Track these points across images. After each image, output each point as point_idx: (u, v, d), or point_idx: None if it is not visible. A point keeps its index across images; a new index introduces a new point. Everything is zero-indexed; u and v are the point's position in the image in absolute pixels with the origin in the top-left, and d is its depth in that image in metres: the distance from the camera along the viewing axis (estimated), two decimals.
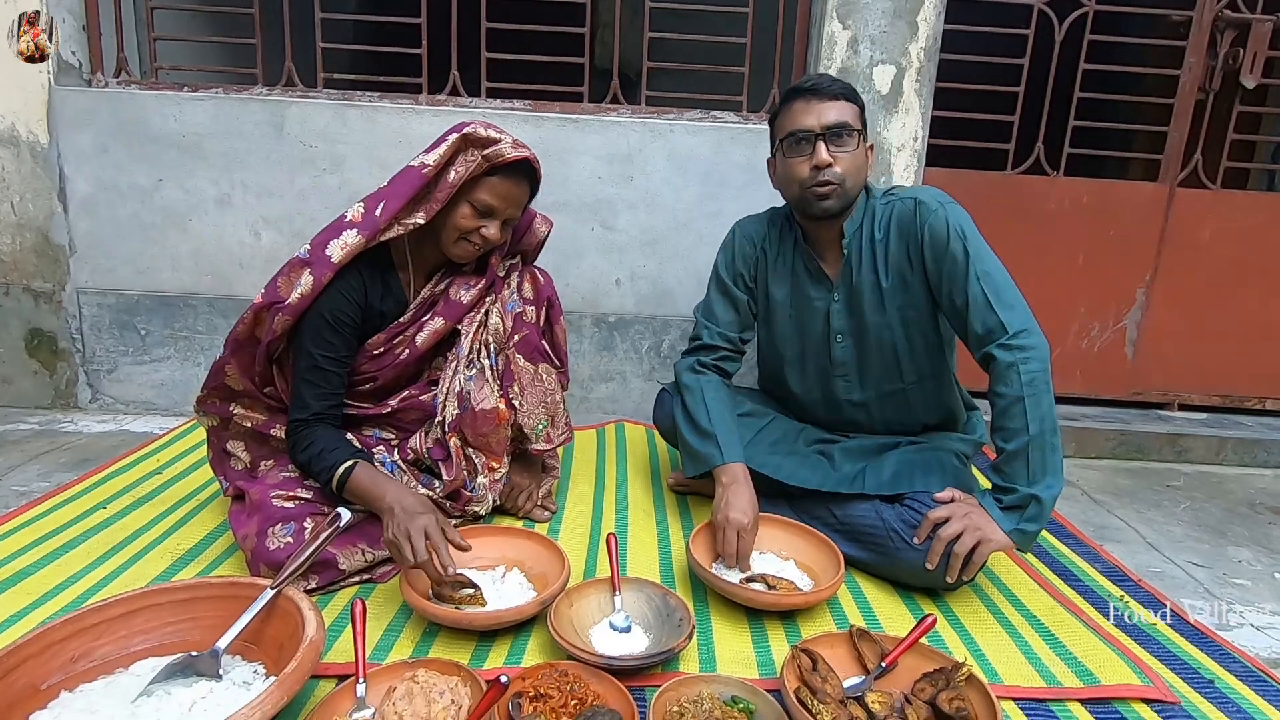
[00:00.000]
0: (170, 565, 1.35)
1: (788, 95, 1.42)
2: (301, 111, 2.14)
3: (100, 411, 2.26)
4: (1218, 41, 2.26)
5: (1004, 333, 1.28)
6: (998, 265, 1.34)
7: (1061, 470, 1.27)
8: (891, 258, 1.43)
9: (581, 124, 2.18)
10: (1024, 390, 1.25)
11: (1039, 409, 1.25)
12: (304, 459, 1.32)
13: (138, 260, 2.20)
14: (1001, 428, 1.29)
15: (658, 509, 1.69)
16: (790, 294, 1.55)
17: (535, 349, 1.51)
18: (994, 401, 1.30)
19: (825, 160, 1.35)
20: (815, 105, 1.36)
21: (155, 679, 0.95)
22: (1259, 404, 2.52)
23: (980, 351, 1.33)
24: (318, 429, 1.33)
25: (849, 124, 1.36)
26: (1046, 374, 1.27)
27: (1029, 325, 1.29)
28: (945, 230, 1.35)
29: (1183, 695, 1.11)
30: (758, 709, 0.97)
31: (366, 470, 1.28)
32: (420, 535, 1.15)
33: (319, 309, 1.31)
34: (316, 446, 1.30)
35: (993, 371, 1.30)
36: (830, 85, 1.37)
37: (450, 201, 1.32)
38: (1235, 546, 1.75)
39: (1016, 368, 1.26)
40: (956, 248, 1.34)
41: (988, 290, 1.31)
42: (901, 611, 1.31)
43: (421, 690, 0.94)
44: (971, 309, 1.32)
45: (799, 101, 1.38)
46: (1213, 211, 2.38)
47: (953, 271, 1.34)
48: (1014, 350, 1.27)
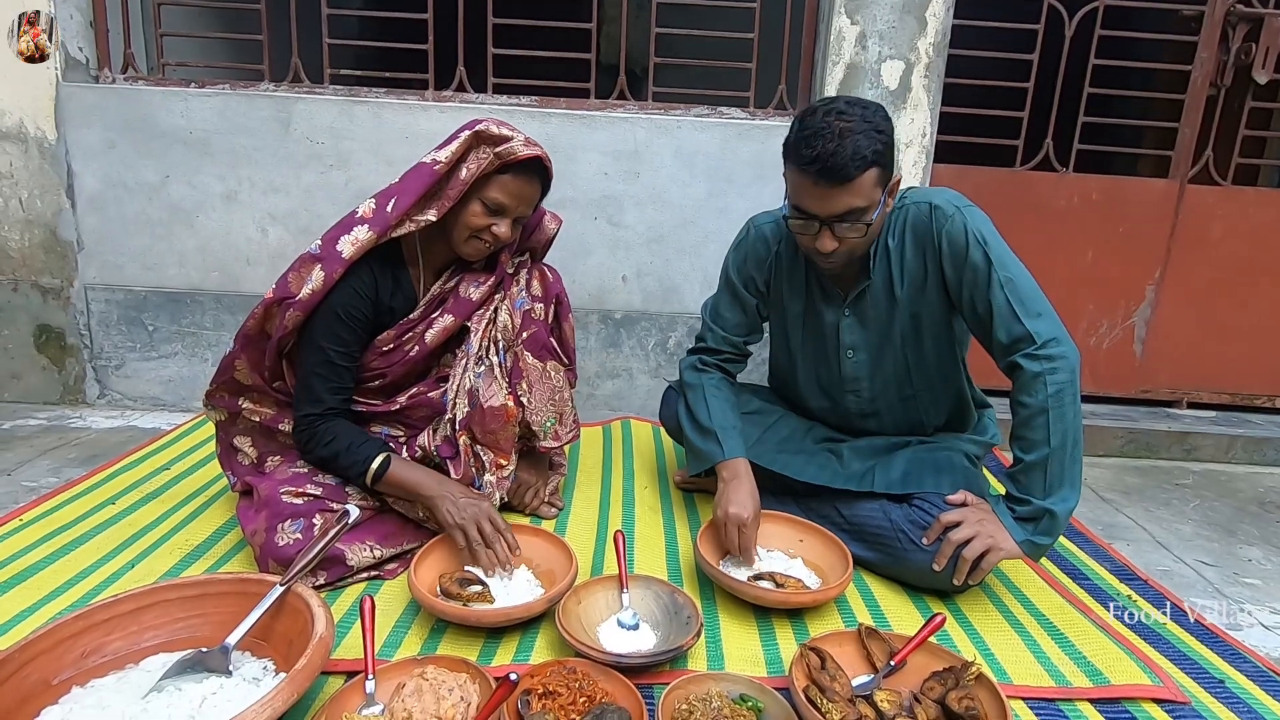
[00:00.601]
0: (179, 561, 1.36)
1: (796, 158, 1.20)
2: (308, 108, 2.14)
3: (108, 407, 2.27)
4: (1230, 36, 2.24)
5: (1031, 342, 1.23)
6: (1022, 270, 1.28)
7: (1079, 483, 1.24)
8: (907, 267, 1.36)
9: (588, 120, 2.17)
10: (1049, 402, 1.21)
11: (1063, 422, 1.21)
12: (327, 453, 1.33)
13: (145, 256, 2.21)
14: (1022, 437, 1.25)
15: (665, 506, 1.69)
16: (804, 305, 1.50)
17: (543, 346, 1.51)
18: (1016, 410, 1.26)
19: (829, 248, 1.26)
20: (823, 191, 1.20)
21: (166, 674, 0.95)
22: (1268, 402, 2.51)
23: (1005, 360, 1.28)
24: (337, 423, 1.34)
25: (861, 208, 1.21)
26: (1075, 385, 1.22)
27: (1058, 334, 1.24)
28: (964, 237, 1.28)
29: (1193, 695, 1.11)
30: (766, 707, 0.97)
31: (401, 463, 1.33)
32: (486, 521, 1.26)
33: (331, 304, 1.31)
34: (343, 440, 1.32)
35: (1018, 380, 1.26)
36: (844, 166, 1.15)
37: (461, 199, 1.32)
38: (1245, 545, 1.74)
39: (1043, 378, 1.21)
40: (977, 255, 1.27)
41: (1012, 298, 1.25)
42: (910, 610, 1.30)
43: (431, 687, 0.95)
44: (996, 318, 1.26)
45: (807, 180, 1.20)
46: (1223, 208, 2.36)
47: (974, 280, 1.28)
48: (1042, 360, 1.22)
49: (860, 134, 1.16)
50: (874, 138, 1.17)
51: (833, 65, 2.15)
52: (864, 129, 1.17)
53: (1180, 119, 2.31)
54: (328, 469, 1.36)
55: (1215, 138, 2.31)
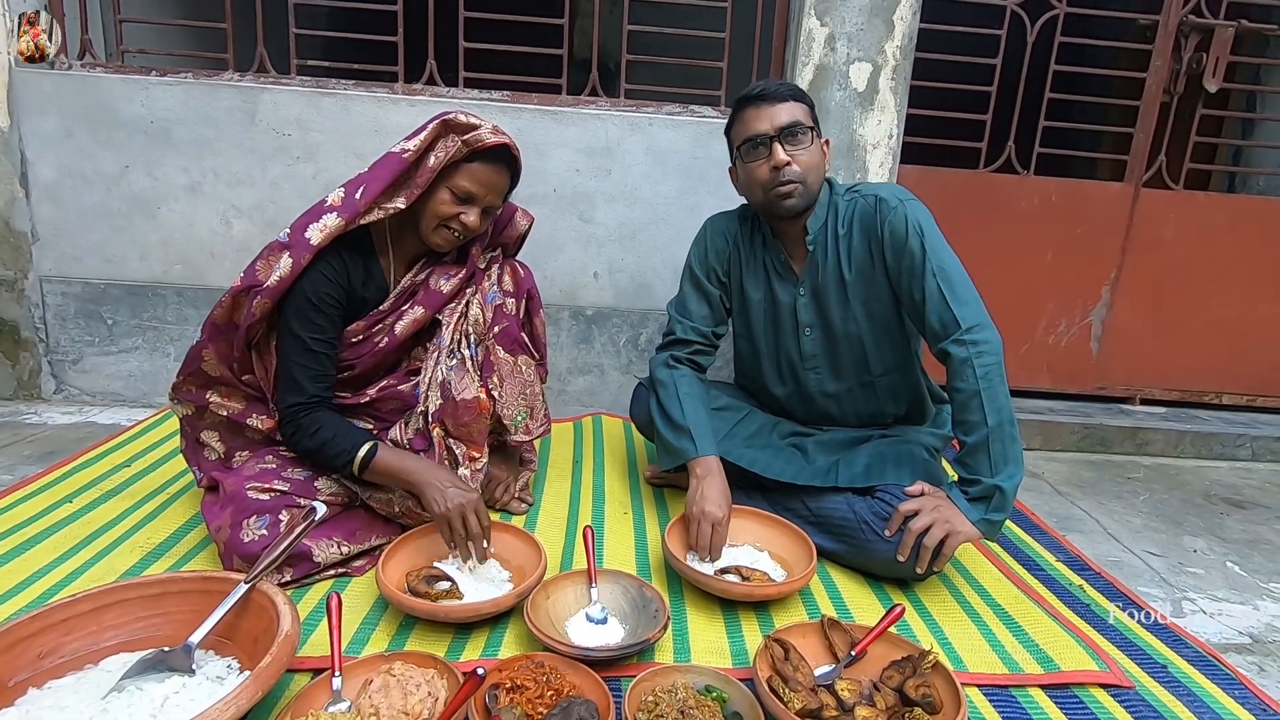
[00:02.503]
0: (140, 559, 1.33)
1: (738, 104, 1.44)
2: (274, 98, 2.10)
3: (66, 403, 2.21)
4: (1182, 45, 2.32)
5: (958, 328, 1.32)
6: (954, 261, 1.38)
7: (1021, 460, 1.31)
8: (854, 253, 1.46)
9: (560, 116, 2.17)
10: (979, 384, 1.29)
11: (995, 401, 1.28)
12: (313, 444, 1.31)
13: (104, 249, 2.15)
14: (962, 421, 1.33)
15: (634, 502, 1.71)
16: (764, 292, 1.58)
17: (515, 341, 1.51)
18: (952, 396, 1.34)
19: (783, 160, 1.38)
20: (766, 110, 1.39)
21: (126, 674, 0.94)
22: (1216, 398, 2.61)
23: (937, 347, 1.36)
24: (321, 412, 1.33)
25: (801, 122, 1.39)
26: (1000, 368, 1.31)
27: (982, 320, 1.33)
28: (904, 227, 1.38)
29: (1137, 680, 1.16)
30: (731, 697, 0.99)
31: (389, 450, 1.32)
32: (473, 514, 1.26)
33: (302, 290, 1.30)
34: (329, 430, 1.31)
35: (949, 367, 1.34)
36: (777, 89, 1.40)
37: (430, 187, 1.33)
38: (1191, 536, 1.81)
39: (971, 363, 1.29)
40: (914, 244, 1.37)
41: (943, 285, 1.34)
42: (871, 601, 1.34)
43: (398, 683, 0.95)
44: (928, 304, 1.36)
45: (749, 109, 1.41)
46: (1175, 211, 2.45)
47: (910, 267, 1.38)
48: (968, 345, 1.30)
49: (787, 82, 1.45)
50: (800, 92, 1.43)
51: (802, 66, 2.18)
52: (791, 85, 1.43)
53: (1135, 124, 2.38)
54: (314, 460, 1.35)
55: (1168, 143, 2.39)
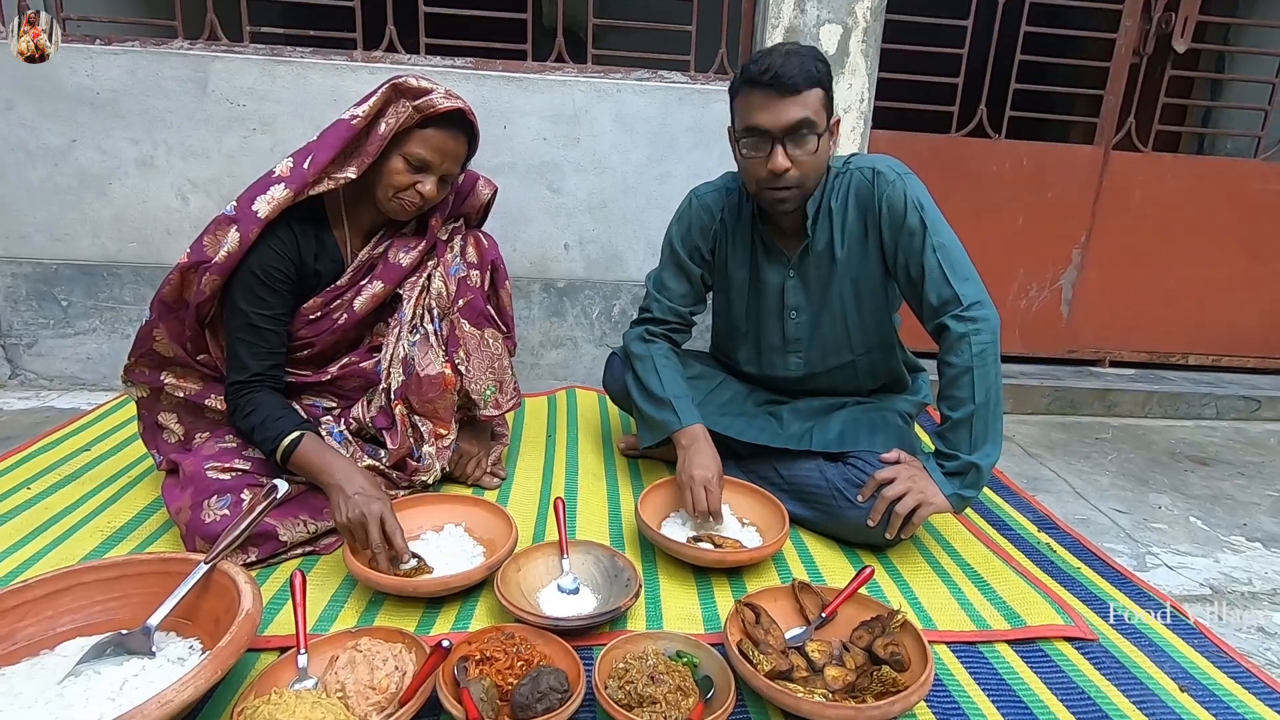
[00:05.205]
0: (100, 544, 1.30)
1: (747, 79, 1.27)
2: (227, 68, 2.02)
3: (22, 388, 2.15)
4: (1152, 5, 2.31)
5: (959, 304, 1.29)
6: (953, 237, 1.35)
7: (1001, 438, 1.31)
8: (849, 229, 1.41)
9: (525, 83, 2.12)
10: (974, 360, 1.27)
11: (986, 380, 1.28)
12: (245, 426, 1.28)
13: (53, 226, 2.08)
14: (949, 396, 1.31)
15: (608, 473, 1.70)
16: (748, 271, 1.52)
17: (480, 314, 1.48)
18: (943, 370, 1.32)
19: (782, 165, 1.27)
20: (774, 103, 1.24)
21: (83, 658, 0.92)
22: (1182, 359, 2.65)
23: (933, 322, 1.34)
24: (260, 393, 1.29)
25: (811, 121, 1.25)
26: (996, 346, 1.30)
27: (982, 297, 1.31)
28: (903, 202, 1.34)
29: (1101, 632, 1.18)
30: (701, 662, 0.99)
31: (314, 443, 1.25)
32: (376, 525, 1.15)
33: (249, 265, 1.26)
34: (260, 414, 1.26)
35: (944, 341, 1.32)
36: (793, 75, 1.22)
37: (382, 155, 1.28)
38: (1156, 493, 1.85)
39: (968, 339, 1.28)
40: (914, 220, 1.33)
41: (944, 262, 1.31)
42: (843, 564, 1.35)
43: (364, 658, 0.94)
44: (927, 280, 1.33)
45: (757, 94, 1.25)
46: (1144, 174, 2.46)
47: (909, 243, 1.34)
48: (967, 322, 1.28)
49: (807, 57, 1.26)
50: (819, 65, 1.27)
51: (772, 29, 2.14)
52: (810, 54, 1.27)
53: (1105, 87, 2.38)
54: (250, 442, 1.32)
55: (1138, 105, 2.40)
